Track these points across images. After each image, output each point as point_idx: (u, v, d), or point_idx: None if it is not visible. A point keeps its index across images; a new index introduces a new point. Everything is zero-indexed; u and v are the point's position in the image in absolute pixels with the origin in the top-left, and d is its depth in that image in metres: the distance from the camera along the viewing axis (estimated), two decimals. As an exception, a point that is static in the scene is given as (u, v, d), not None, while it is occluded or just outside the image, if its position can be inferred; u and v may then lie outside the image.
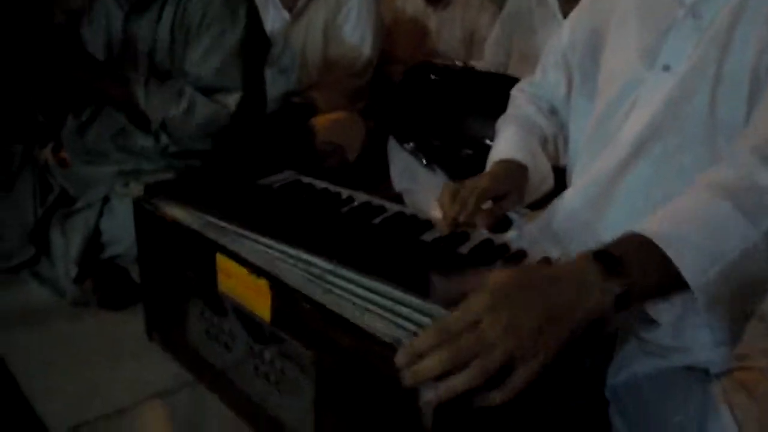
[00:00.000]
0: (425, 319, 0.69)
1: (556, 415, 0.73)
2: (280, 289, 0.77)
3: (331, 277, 0.77)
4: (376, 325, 0.68)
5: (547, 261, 0.83)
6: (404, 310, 0.70)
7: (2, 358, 1.09)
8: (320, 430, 0.77)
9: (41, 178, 1.39)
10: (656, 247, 0.63)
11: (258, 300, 0.80)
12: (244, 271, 0.81)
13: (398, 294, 0.73)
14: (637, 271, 0.62)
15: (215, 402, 0.99)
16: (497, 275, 0.64)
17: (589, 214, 0.90)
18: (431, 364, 0.59)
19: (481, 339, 0.59)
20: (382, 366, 0.64)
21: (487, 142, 1.16)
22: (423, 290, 0.73)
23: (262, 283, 0.79)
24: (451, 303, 0.66)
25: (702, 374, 0.78)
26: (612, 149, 0.87)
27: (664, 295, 0.67)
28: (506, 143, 1.02)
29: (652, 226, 0.65)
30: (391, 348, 0.64)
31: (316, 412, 0.77)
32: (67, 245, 1.26)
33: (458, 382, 0.59)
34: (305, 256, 0.81)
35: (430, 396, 0.60)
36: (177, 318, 1.01)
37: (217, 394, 0.99)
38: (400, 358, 0.61)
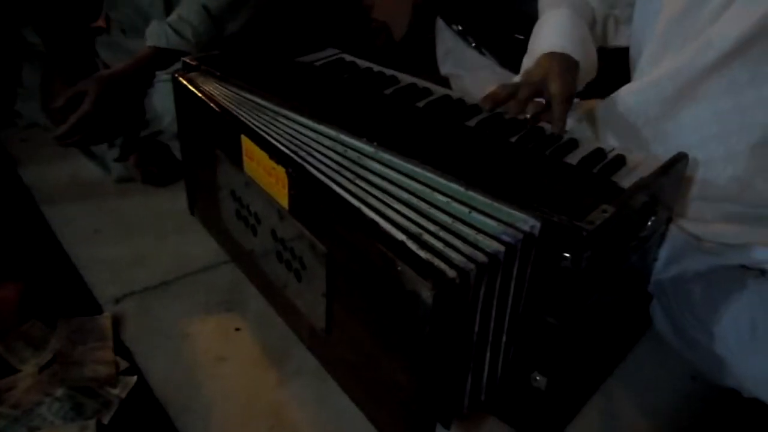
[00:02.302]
0: (463, 209, 0.66)
1: (597, 308, 0.71)
2: (298, 177, 0.75)
3: (368, 161, 0.75)
4: (400, 218, 0.65)
5: (600, 152, 0.79)
6: (441, 199, 0.68)
7: (54, 231, 1.13)
8: (331, 321, 0.78)
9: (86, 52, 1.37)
10: None
11: (277, 186, 0.79)
12: (264, 155, 0.79)
13: (439, 181, 0.70)
14: None
15: (253, 280, 1.02)
16: None
17: (658, 110, 0.82)
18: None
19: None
20: (388, 267, 0.61)
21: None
22: (466, 178, 0.70)
23: (281, 170, 0.77)
24: (496, 193, 0.63)
25: (757, 273, 0.75)
26: (699, 46, 0.77)
27: None
28: (554, 30, 0.92)
29: None
30: (403, 248, 0.61)
31: (328, 305, 0.76)
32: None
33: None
34: (344, 137, 0.79)
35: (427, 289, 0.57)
36: (212, 196, 1.01)
37: (246, 274, 1.01)
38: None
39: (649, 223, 0.72)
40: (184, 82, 0.97)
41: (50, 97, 1.25)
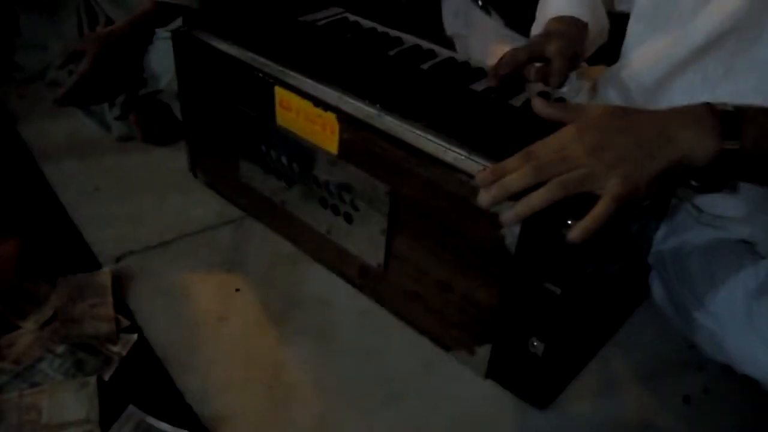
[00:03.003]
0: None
1: (596, 276, 0.71)
2: (350, 122, 0.77)
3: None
4: (451, 159, 0.69)
5: None
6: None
7: (53, 189, 1.12)
8: (390, 259, 0.82)
9: (87, 5, 1.34)
10: None
11: (324, 133, 0.79)
12: (308, 103, 0.80)
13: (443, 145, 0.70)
14: (754, 133, 0.57)
15: (255, 239, 1.02)
16: (594, 108, 0.62)
17: (641, 99, 0.83)
18: (514, 178, 0.59)
19: (565, 157, 0.58)
20: (461, 194, 0.66)
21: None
22: (470, 142, 0.69)
23: (330, 116, 0.78)
24: (496, 155, 0.63)
25: (755, 248, 0.75)
26: (676, 39, 0.77)
27: (761, 171, 0.61)
28: None
29: None
30: (469, 176, 0.65)
31: (387, 241, 0.80)
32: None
33: (536, 197, 0.58)
34: (347, 99, 0.78)
35: (510, 215, 0.61)
36: (224, 153, 1.01)
37: (274, 228, 1.02)
38: (481, 177, 0.62)
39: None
40: (189, 40, 0.95)
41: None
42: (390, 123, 0.74)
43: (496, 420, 0.77)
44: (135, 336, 0.84)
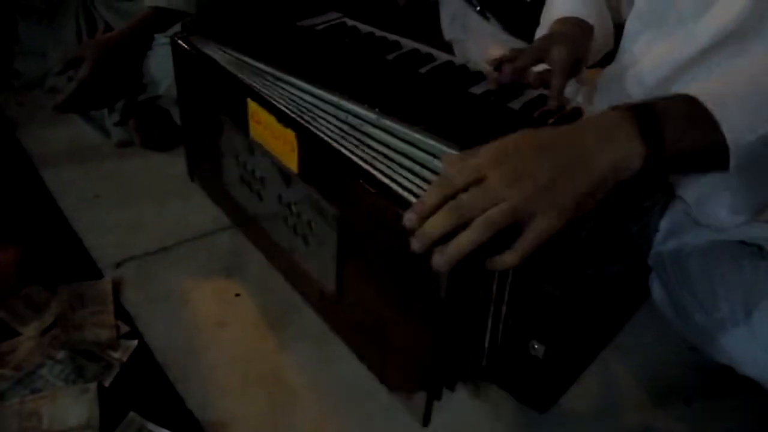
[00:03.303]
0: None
1: (597, 278, 0.71)
2: (307, 141, 0.74)
3: (370, 128, 0.74)
4: (407, 182, 0.65)
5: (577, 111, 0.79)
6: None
7: (53, 196, 1.12)
8: (341, 286, 0.78)
9: (86, 12, 1.35)
10: (700, 104, 0.55)
11: (285, 150, 0.78)
12: (273, 119, 0.78)
13: (441, 148, 0.70)
14: (674, 129, 0.55)
15: (252, 246, 1.02)
16: (511, 135, 0.58)
17: (653, 87, 0.82)
18: (434, 223, 0.56)
19: (484, 194, 0.55)
20: (400, 226, 0.60)
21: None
22: (469, 145, 0.69)
23: (290, 134, 0.75)
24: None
25: (755, 250, 0.75)
26: (683, 39, 0.77)
27: (700, 163, 0.59)
28: None
29: (699, 85, 0.58)
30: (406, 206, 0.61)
31: (338, 268, 0.77)
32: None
33: (464, 238, 0.55)
34: (346, 103, 0.78)
35: (439, 259, 0.56)
36: (214, 161, 1.00)
37: (250, 239, 1.01)
38: (409, 218, 0.57)
39: (650, 194, 0.72)
40: (185, 46, 0.95)
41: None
42: (348, 142, 0.71)
43: (497, 423, 0.77)
44: (135, 342, 0.84)
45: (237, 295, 0.93)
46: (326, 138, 0.72)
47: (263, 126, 0.81)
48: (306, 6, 1.11)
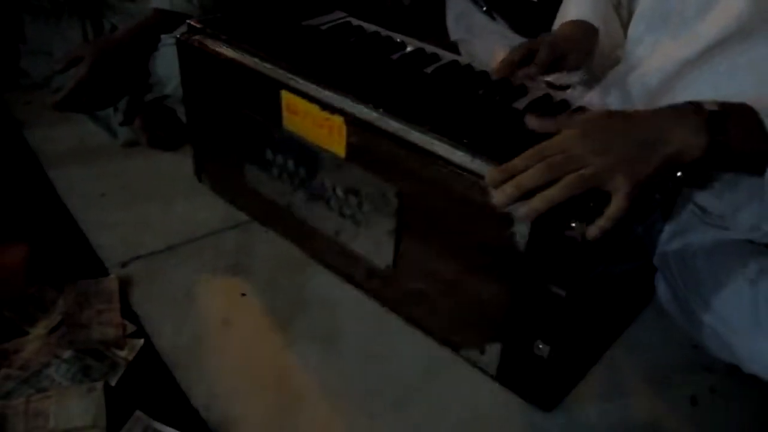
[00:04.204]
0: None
1: (602, 278, 0.71)
2: (358, 124, 0.77)
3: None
4: (458, 159, 0.69)
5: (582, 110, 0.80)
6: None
7: (59, 195, 1.13)
8: (399, 258, 0.82)
9: (93, 13, 1.35)
10: (756, 114, 0.62)
11: (331, 136, 0.80)
12: (315, 107, 0.80)
13: (446, 148, 0.70)
14: (736, 130, 0.62)
15: (260, 243, 1.02)
16: (590, 113, 0.66)
17: (646, 101, 0.83)
18: (526, 176, 0.62)
19: (574, 158, 0.62)
20: (471, 194, 0.67)
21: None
22: (474, 145, 0.69)
23: (337, 119, 0.78)
24: (498, 158, 0.64)
25: (762, 249, 0.75)
26: (687, 40, 0.78)
27: (746, 165, 0.66)
28: (577, 3, 0.94)
29: (755, 98, 0.64)
30: (479, 176, 0.66)
31: (396, 242, 0.81)
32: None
33: (553, 192, 0.61)
34: (351, 103, 0.78)
35: (524, 210, 0.62)
36: (229, 158, 1.01)
37: (279, 232, 1.02)
38: (491, 177, 0.64)
39: (657, 195, 0.71)
40: (196, 45, 0.96)
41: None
42: (396, 125, 0.75)
43: (503, 423, 0.77)
44: (141, 341, 0.84)
45: (243, 294, 0.93)
46: (374, 121, 0.76)
47: (301, 116, 0.83)
48: (311, 6, 1.11)
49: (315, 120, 0.81)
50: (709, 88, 0.76)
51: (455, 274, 0.76)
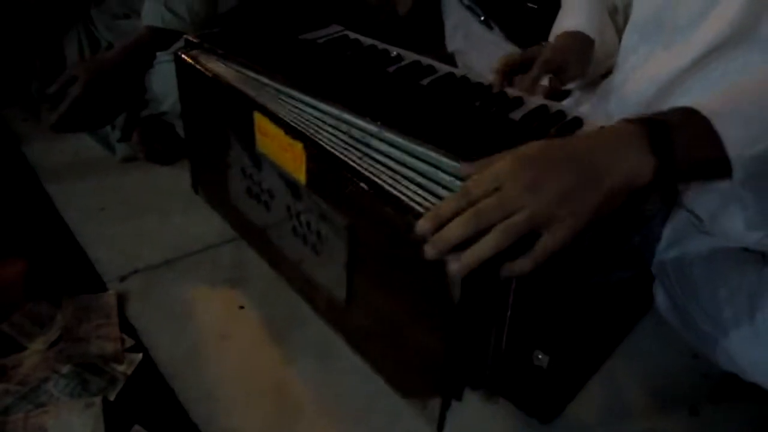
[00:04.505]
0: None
1: (599, 287, 0.71)
2: (315, 152, 0.75)
3: (373, 141, 0.74)
4: (411, 193, 0.66)
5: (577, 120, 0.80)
6: (446, 178, 0.68)
7: (57, 209, 1.13)
8: (352, 294, 0.79)
9: (88, 32, 1.36)
10: (704, 119, 0.57)
11: (294, 162, 0.79)
12: (280, 131, 0.79)
13: (443, 160, 0.70)
14: (683, 141, 0.57)
15: (258, 257, 1.02)
16: (525, 145, 0.60)
17: (652, 97, 0.83)
18: (453, 229, 0.57)
19: (503, 202, 0.56)
20: (412, 235, 0.61)
21: (550, -3, 1.07)
22: (470, 157, 0.69)
23: (298, 145, 0.77)
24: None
25: (758, 257, 0.75)
26: (680, 49, 0.78)
27: (706, 174, 0.61)
28: (573, 13, 0.94)
29: (703, 101, 0.59)
30: (419, 216, 0.62)
31: (348, 276, 0.77)
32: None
33: (483, 246, 0.56)
34: (348, 116, 0.78)
35: (456, 266, 0.58)
36: (219, 174, 1.01)
37: (257, 250, 1.01)
38: (422, 225, 0.59)
39: (652, 203, 0.72)
40: (189, 60, 0.96)
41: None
42: (350, 153, 0.72)
43: (502, 434, 0.77)
44: (140, 355, 0.84)
45: (241, 307, 0.93)
46: (332, 150, 0.73)
47: (270, 138, 0.81)
48: (308, 19, 1.12)
49: (281, 144, 0.80)
50: (703, 95, 0.76)
51: (398, 316, 0.72)
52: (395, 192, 0.66)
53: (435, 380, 0.71)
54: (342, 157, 0.72)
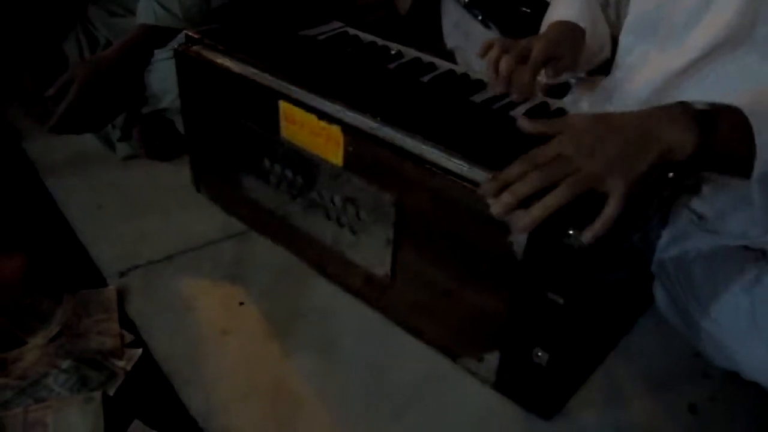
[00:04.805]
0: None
1: (600, 285, 0.72)
2: (355, 134, 0.78)
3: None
4: (456, 166, 0.70)
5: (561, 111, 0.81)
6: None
7: (58, 205, 1.13)
8: (397, 267, 0.82)
9: (85, 30, 1.35)
10: (743, 115, 0.62)
11: (328, 145, 0.80)
12: (312, 117, 0.81)
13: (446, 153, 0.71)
14: (725, 129, 0.62)
15: (259, 253, 1.02)
16: (577, 116, 0.66)
17: (649, 97, 0.83)
18: (520, 185, 0.62)
19: (567, 162, 0.62)
20: (468, 202, 0.67)
21: (547, -1, 1.07)
22: (470, 153, 0.70)
23: (334, 129, 0.79)
24: (495, 166, 0.64)
25: (758, 254, 0.75)
26: (675, 52, 0.79)
27: (730, 167, 0.65)
28: (564, 4, 0.93)
29: (744, 98, 0.63)
30: (475, 184, 0.67)
31: (394, 250, 0.81)
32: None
33: (551, 198, 0.61)
34: (348, 112, 0.78)
35: (524, 221, 0.62)
36: (227, 168, 1.01)
37: (277, 241, 1.02)
38: (487, 187, 0.64)
39: (654, 200, 0.72)
40: (194, 56, 0.96)
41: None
42: (393, 134, 0.75)
43: (502, 431, 0.77)
44: (140, 350, 0.84)
45: (241, 303, 0.93)
46: (371, 130, 0.76)
47: (299, 125, 0.83)
48: (308, 16, 1.12)
49: (312, 129, 0.81)
50: (698, 97, 0.77)
51: (453, 283, 0.76)
52: (443, 164, 0.70)
53: (493, 338, 0.75)
54: (383, 135, 0.75)
